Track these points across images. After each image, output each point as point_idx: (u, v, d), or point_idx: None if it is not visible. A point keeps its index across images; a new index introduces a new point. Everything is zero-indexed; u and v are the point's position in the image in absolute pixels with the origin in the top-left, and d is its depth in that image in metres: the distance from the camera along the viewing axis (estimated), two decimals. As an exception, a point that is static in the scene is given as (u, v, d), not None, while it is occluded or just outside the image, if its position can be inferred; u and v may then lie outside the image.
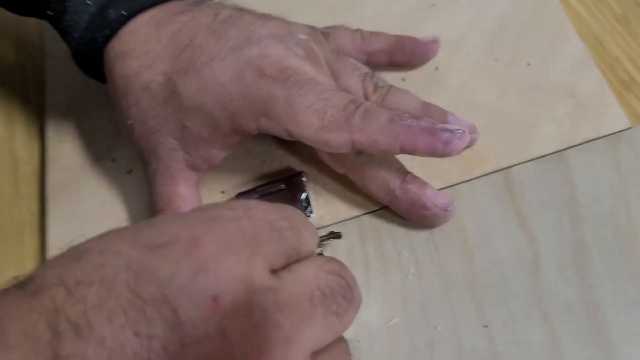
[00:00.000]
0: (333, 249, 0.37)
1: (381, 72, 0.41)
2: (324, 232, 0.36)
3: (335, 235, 0.35)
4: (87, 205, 0.40)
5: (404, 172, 0.36)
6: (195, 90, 0.34)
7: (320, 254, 0.35)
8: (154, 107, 0.35)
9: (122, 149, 0.42)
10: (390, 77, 0.41)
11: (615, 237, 0.36)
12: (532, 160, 0.38)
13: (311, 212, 0.38)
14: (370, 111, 0.33)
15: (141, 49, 0.35)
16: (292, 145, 0.39)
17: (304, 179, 0.38)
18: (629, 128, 0.39)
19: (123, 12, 0.35)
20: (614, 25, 0.43)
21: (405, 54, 0.41)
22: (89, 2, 0.35)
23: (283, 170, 0.40)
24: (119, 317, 0.19)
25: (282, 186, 0.38)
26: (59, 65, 0.45)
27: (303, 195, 0.38)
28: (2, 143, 0.45)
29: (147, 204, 0.38)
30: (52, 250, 0.39)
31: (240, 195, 0.38)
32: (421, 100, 0.38)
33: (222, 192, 0.40)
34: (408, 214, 0.36)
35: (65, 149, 0.42)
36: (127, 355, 0.18)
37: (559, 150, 0.38)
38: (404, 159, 0.37)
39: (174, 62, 0.35)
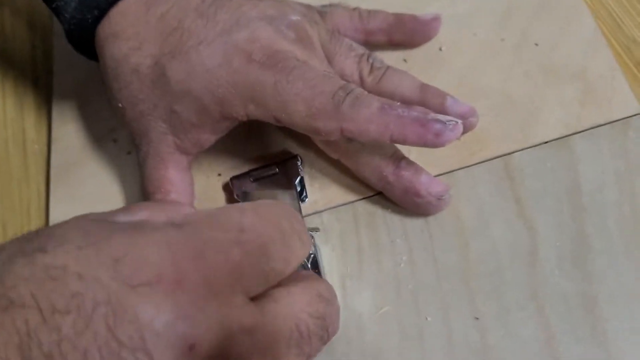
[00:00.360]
0: (327, 236, 0.36)
1: (383, 52, 0.40)
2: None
3: (313, 229, 0.34)
4: (88, 186, 0.40)
5: (398, 158, 0.35)
6: (183, 75, 0.33)
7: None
8: (143, 90, 0.34)
9: (123, 130, 0.42)
10: (392, 58, 0.40)
11: (618, 228, 0.34)
12: (535, 146, 0.36)
13: (306, 196, 0.37)
14: (361, 99, 0.32)
15: (130, 31, 0.35)
16: (290, 129, 0.39)
17: (298, 162, 0.38)
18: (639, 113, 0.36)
19: None
20: (634, 4, 0.40)
21: (405, 33, 0.39)
22: None
23: (280, 153, 0.39)
24: (93, 355, 0.18)
25: (276, 170, 0.38)
26: (65, 45, 0.45)
27: (297, 180, 0.37)
28: (13, 122, 0.46)
29: (143, 186, 0.38)
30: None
31: (234, 179, 0.38)
32: (419, 81, 0.36)
33: (219, 174, 0.39)
34: (402, 201, 0.35)
35: (69, 130, 0.43)
36: None
37: (564, 136, 0.36)
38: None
39: (162, 45, 0.34)
